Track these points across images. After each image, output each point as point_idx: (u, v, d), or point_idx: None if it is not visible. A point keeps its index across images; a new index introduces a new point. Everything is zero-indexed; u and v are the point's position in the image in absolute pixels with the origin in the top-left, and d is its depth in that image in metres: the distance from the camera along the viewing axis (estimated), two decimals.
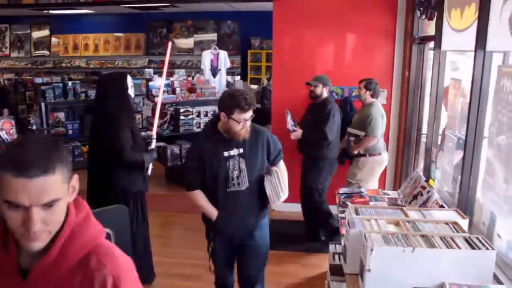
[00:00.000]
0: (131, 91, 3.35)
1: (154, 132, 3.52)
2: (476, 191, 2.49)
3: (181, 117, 6.39)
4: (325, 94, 4.50)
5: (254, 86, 9.55)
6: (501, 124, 2.12)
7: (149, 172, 3.44)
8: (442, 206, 2.68)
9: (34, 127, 4.93)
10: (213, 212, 2.72)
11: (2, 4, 6.20)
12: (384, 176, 5.16)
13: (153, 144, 3.47)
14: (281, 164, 2.93)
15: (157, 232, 4.47)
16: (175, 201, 5.49)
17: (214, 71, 7.86)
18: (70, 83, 7.49)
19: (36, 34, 11.88)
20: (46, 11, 9.78)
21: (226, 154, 2.65)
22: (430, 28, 4.06)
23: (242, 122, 2.57)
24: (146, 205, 3.47)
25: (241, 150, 2.68)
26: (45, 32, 11.82)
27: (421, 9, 3.66)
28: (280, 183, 2.73)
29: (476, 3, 2.39)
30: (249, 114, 2.58)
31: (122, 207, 1.68)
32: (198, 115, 6.52)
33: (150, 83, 6.93)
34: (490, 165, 2.22)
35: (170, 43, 3.75)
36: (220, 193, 2.69)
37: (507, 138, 2.06)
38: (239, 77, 9.83)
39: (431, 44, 3.86)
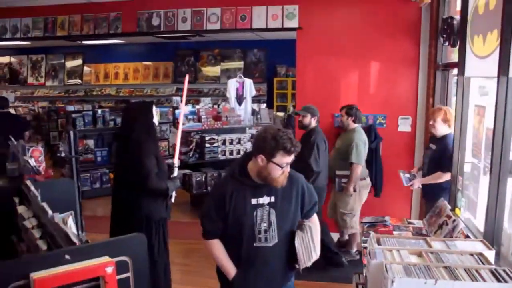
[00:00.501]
0: (155, 120, 3.43)
1: (176, 160, 3.56)
2: (503, 220, 2.41)
3: (207, 145, 6.46)
4: (313, 124, 4.58)
5: (280, 114, 9.64)
6: None
7: (173, 199, 3.47)
8: (468, 237, 2.60)
9: (63, 154, 5.10)
10: (230, 270, 2.36)
11: (39, 37, 6.54)
12: (410, 205, 5.05)
13: (176, 172, 3.50)
14: (314, 217, 2.54)
15: (179, 259, 4.48)
16: (199, 228, 5.49)
17: (240, 99, 7.95)
18: (99, 111, 7.73)
19: (70, 64, 12.34)
20: (79, 42, 10.17)
21: (254, 201, 2.29)
22: (453, 55, 4.03)
23: (284, 167, 2.25)
24: (167, 232, 3.48)
25: (272, 199, 2.31)
26: (78, 62, 12.27)
27: (444, 35, 3.63)
28: (313, 242, 2.35)
29: (498, 30, 2.37)
30: (292, 157, 2.25)
31: (140, 235, 1.69)
32: (224, 143, 6.59)
33: (177, 111, 7.08)
34: None
35: (187, 77, 3.87)
36: (243, 248, 2.32)
37: None
38: (265, 104, 9.92)
39: (455, 70, 3.82)
